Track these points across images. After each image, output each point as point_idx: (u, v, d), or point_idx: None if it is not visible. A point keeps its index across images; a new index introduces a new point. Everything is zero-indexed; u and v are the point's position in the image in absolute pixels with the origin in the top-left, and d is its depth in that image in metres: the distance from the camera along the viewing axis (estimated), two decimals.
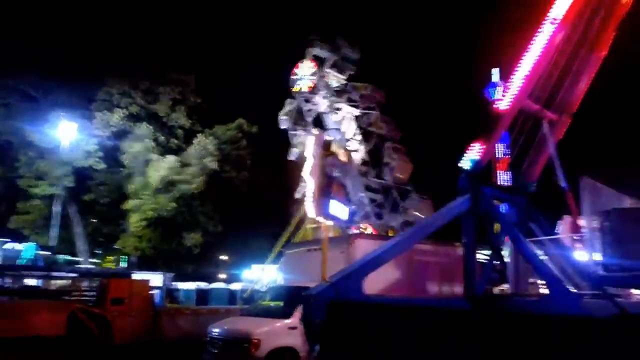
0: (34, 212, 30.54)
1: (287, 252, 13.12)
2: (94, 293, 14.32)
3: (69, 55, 29.06)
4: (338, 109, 22.19)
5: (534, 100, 11.10)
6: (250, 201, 36.38)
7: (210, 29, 42.16)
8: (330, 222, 10.79)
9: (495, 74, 48.49)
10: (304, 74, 22.46)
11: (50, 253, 37.45)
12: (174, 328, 14.53)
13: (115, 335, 13.23)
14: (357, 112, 22.14)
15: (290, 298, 9.58)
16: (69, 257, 36.83)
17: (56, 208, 25.11)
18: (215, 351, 9.37)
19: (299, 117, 22.86)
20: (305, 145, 18.29)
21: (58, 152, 25.73)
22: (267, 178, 37.54)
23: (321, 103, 22.35)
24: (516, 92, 10.24)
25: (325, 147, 12.04)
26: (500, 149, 40.25)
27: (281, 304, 10.25)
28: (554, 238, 11.72)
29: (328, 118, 22.46)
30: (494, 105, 10.83)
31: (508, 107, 10.34)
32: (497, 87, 45.09)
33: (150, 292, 14.97)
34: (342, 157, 18.24)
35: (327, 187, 9.85)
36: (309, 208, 13.85)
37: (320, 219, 13.25)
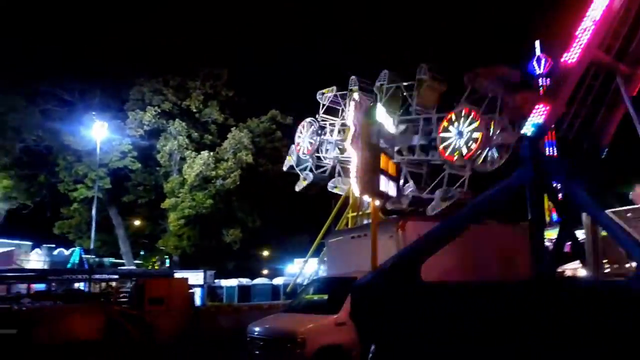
0: (75, 216, 30.96)
1: (330, 241, 12.07)
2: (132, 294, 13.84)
3: (101, 56, 29.01)
4: None
5: (604, 52, 9.56)
6: (288, 194, 35.64)
7: (239, 18, 41.28)
8: (377, 202, 9.59)
9: (537, 46, 45.59)
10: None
11: (94, 257, 38.29)
12: (215, 327, 13.83)
13: (155, 336, 12.64)
14: None
15: (336, 290, 8.55)
16: (113, 260, 37.52)
17: (94, 210, 25.06)
18: (257, 352, 8.47)
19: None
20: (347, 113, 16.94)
21: (95, 154, 25.69)
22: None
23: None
24: (586, 40, 8.73)
25: (369, 113, 10.80)
26: None
27: (325, 297, 9.35)
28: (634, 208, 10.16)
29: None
30: (562, 60, 9.30)
31: (577, 58, 8.84)
32: (541, 60, 42.31)
33: (189, 290, 14.32)
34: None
35: (373, 161, 8.61)
36: (354, 186, 12.48)
37: (366, 197, 12.03)
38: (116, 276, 20.44)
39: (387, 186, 9.20)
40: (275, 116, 33.72)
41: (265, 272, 37.59)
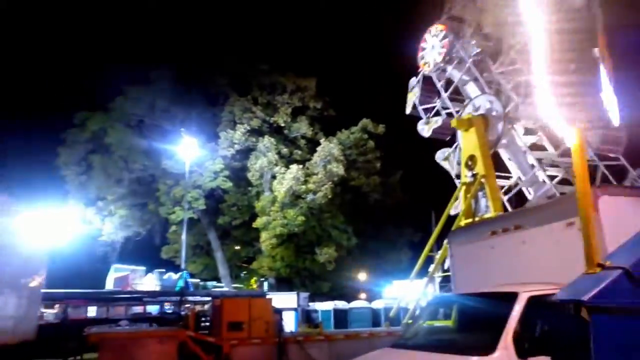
0: (179, 241, 31.46)
1: (455, 246, 9.05)
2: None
3: (191, 80, 29.56)
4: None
5: None
6: (385, 209, 33.12)
7: (323, 27, 40.30)
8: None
9: None
10: (434, 43, 18.65)
11: (199, 280, 38.96)
12: (304, 359, 11.68)
13: None
14: None
15: (483, 316, 5.79)
16: (215, 283, 37.75)
17: (184, 233, 24.89)
18: None
19: (427, 96, 19.07)
20: None
21: (189, 176, 25.73)
22: (401, 181, 34.10)
23: (455, 75, 18.27)
24: None
25: None
26: None
27: (461, 326, 6.61)
28: None
29: (468, 89, 18.27)
30: None
31: None
32: None
33: (274, 312, 12.40)
34: None
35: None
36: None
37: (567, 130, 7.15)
38: (208, 298, 19.37)
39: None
40: (366, 126, 31.71)
41: (361, 295, 35.02)
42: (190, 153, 24.79)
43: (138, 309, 22.67)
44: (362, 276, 36.09)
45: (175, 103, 29.26)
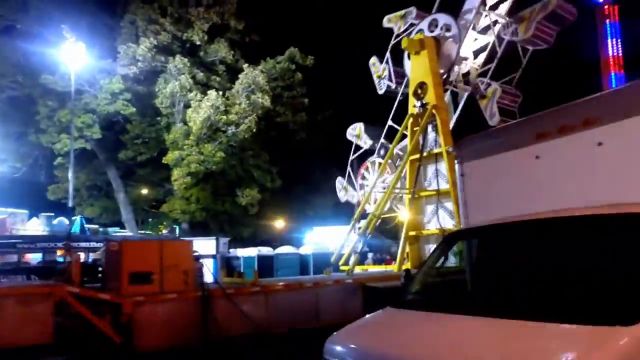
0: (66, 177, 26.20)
1: (468, 157, 5.88)
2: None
3: None
4: None
5: None
6: (312, 150, 30.41)
7: None
8: None
9: None
10: None
11: (98, 226, 34.01)
12: (235, 318, 8.94)
13: (138, 336, 7.81)
14: None
15: (582, 256, 3.27)
16: (117, 229, 33.09)
17: (71, 168, 20.21)
18: None
19: None
20: None
21: (79, 97, 20.54)
22: (331, 121, 31.37)
23: None
24: None
25: None
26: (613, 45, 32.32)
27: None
28: None
29: None
30: None
31: None
32: None
33: (195, 260, 9.36)
34: None
35: None
36: None
37: None
38: (99, 244, 15.58)
39: None
40: (294, 56, 28.16)
41: (276, 242, 32.63)
42: (77, 63, 19.50)
43: (22, 259, 18.50)
44: (284, 222, 33.56)
45: (58, 6, 23.06)
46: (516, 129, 6.02)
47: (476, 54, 15.93)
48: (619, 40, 33.05)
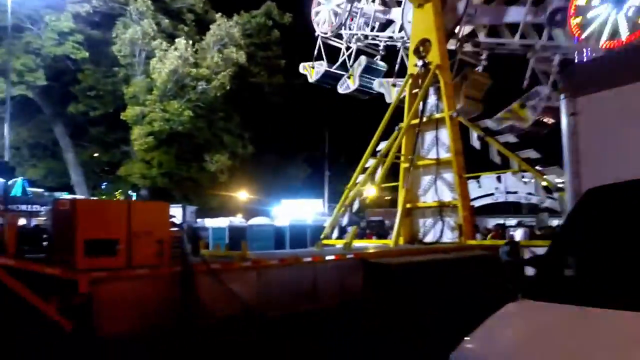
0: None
1: (585, 90, 4.18)
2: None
3: None
4: None
5: None
6: (287, 116, 28.19)
7: None
8: None
9: None
10: None
11: (42, 190, 30.69)
12: (221, 299, 7.05)
13: (100, 321, 5.84)
14: None
15: None
16: (65, 193, 29.95)
17: (13, 119, 17.24)
18: None
19: None
20: None
21: (18, 36, 17.34)
22: (308, 85, 29.08)
23: None
24: None
25: None
26: None
27: None
28: None
29: None
30: None
31: None
32: None
33: (172, 227, 7.30)
34: None
35: None
36: None
37: None
38: (41, 209, 13.14)
39: None
40: (271, 11, 25.68)
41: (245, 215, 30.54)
42: None
43: None
44: (254, 192, 31.37)
45: None
46: None
47: None
48: None
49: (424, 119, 13.01)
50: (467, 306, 6.48)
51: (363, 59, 15.81)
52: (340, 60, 16.26)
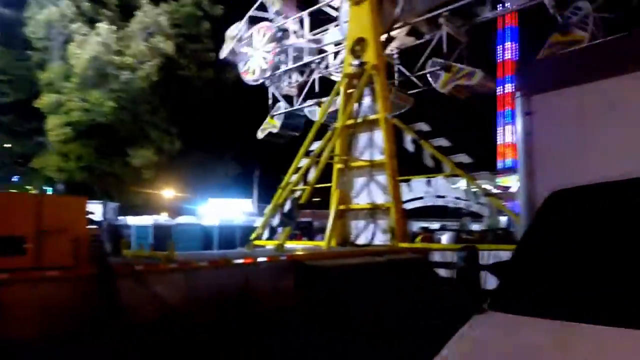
0: None
1: (539, 89, 3.98)
2: None
3: None
4: None
5: None
6: (217, 112, 27.28)
7: None
8: None
9: None
10: None
11: None
12: (146, 305, 6.57)
13: (4, 325, 5.18)
14: None
15: None
16: None
17: None
18: None
19: None
20: None
21: None
22: (238, 83, 28.39)
23: None
24: None
25: None
26: None
27: None
28: None
29: None
30: None
31: None
32: None
33: (91, 223, 6.69)
34: None
35: None
36: None
37: None
38: None
39: None
40: (201, 1, 24.73)
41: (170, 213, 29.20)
42: None
43: None
44: (180, 190, 29.99)
45: None
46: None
47: None
48: None
49: (359, 120, 12.97)
50: (399, 308, 6.48)
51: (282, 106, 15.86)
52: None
